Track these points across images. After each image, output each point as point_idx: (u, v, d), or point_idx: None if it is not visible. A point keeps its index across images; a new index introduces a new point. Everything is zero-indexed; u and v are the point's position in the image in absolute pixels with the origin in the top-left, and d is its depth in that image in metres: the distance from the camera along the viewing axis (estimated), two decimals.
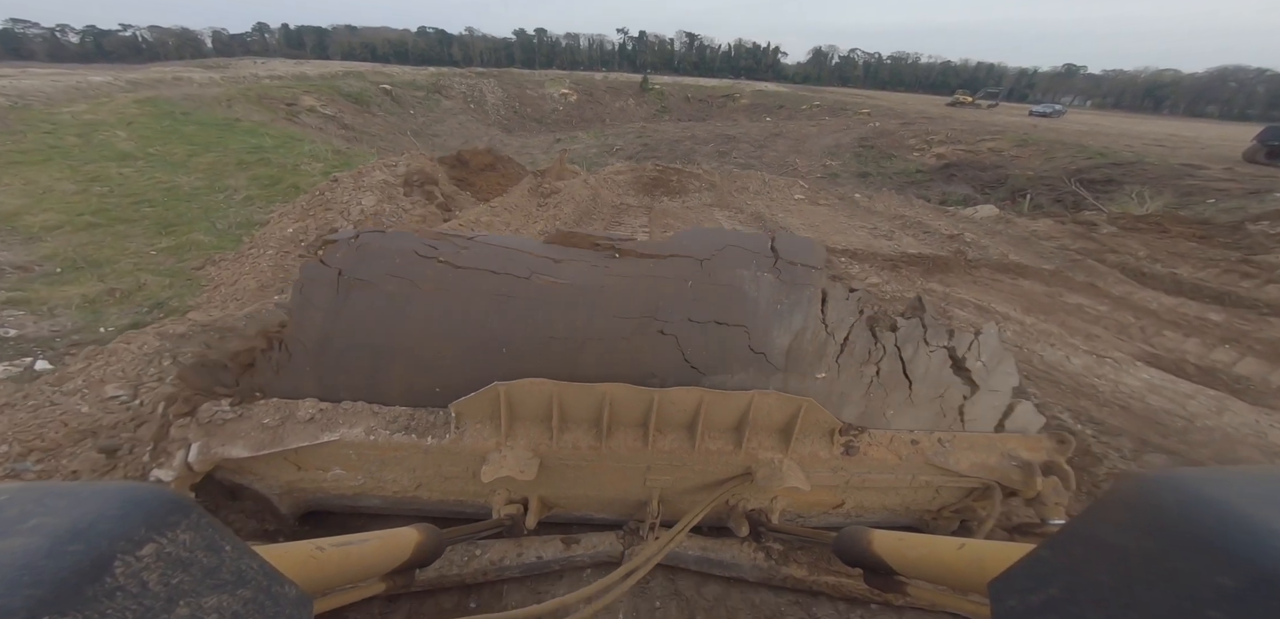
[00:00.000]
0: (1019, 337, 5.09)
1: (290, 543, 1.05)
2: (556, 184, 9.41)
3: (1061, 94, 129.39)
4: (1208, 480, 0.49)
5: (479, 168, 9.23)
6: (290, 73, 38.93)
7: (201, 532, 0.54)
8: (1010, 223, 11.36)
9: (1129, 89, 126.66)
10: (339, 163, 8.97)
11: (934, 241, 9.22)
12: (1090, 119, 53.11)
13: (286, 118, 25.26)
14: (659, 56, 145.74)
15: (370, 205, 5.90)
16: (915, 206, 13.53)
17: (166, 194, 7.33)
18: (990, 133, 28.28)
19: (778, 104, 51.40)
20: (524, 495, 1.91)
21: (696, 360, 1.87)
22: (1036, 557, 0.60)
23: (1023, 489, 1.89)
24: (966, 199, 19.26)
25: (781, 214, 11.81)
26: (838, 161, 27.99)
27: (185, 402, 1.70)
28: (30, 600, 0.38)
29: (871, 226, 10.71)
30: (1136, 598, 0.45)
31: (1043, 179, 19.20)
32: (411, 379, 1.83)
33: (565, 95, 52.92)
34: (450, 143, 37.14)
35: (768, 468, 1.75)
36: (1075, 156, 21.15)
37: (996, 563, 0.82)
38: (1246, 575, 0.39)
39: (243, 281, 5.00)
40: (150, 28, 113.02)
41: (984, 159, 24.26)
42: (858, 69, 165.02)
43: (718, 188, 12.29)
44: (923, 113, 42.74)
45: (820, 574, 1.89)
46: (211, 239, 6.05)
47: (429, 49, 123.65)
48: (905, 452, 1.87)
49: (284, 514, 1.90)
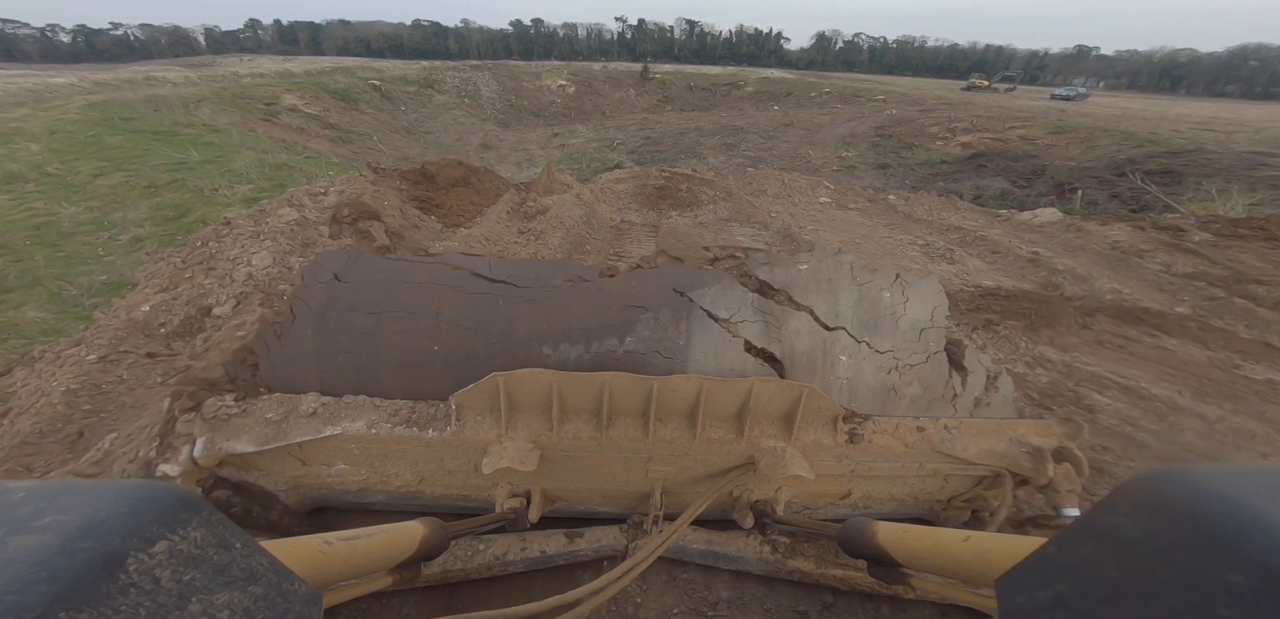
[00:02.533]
0: (1205, 439, 3.43)
1: (297, 538, 1.02)
2: (543, 201, 7.68)
3: (1073, 76, 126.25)
4: (1216, 477, 0.48)
5: (447, 184, 7.55)
6: (274, 70, 37.16)
7: (212, 529, 0.54)
8: (1082, 231, 9.60)
9: (1144, 69, 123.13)
10: (274, 183, 7.36)
11: (1009, 265, 7.50)
12: (1115, 102, 50.78)
13: (264, 118, 23.62)
14: (659, 45, 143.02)
15: (262, 265, 4.19)
16: (961, 209, 11.77)
17: (34, 233, 5.37)
18: (1019, 119, 26.30)
19: (785, 91, 49.31)
20: (527, 488, 1.90)
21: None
22: (1044, 553, 0.59)
23: (1034, 476, 1.80)
24: (1005, 195, 17.45)
25: (810, 225, 10.09)
26: (854, 152, 26.10)
27: (190, 398, 1.70)
28: (46, 596, 0.39)
29: (921, 240, 8.99)
30: (1146, 594, 0.45)
31: (1088, 171, 17.33)
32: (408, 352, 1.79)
33: (563, 87, 51.09)
34: (444, 140, 35.46)
35: (770, 456, 1.71)
36: (1121, 144, 19.22)
37: (1002, 556, 0.84)
38: (1257, 572, 0.39)
39: (39, 409, 3.01)
40: (141, 26, 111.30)
41: (1016, 148, 22.36)
42: (863, 54, 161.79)
43: (734, 196, 10.54)
44: (939, 98, 40.66)
45: (828, 567, 1.84)
46: (49, 315, 4.11)
47: (424, 42, 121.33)
48: (911, 439, 1.82)
49: (292, 510, 1.89)
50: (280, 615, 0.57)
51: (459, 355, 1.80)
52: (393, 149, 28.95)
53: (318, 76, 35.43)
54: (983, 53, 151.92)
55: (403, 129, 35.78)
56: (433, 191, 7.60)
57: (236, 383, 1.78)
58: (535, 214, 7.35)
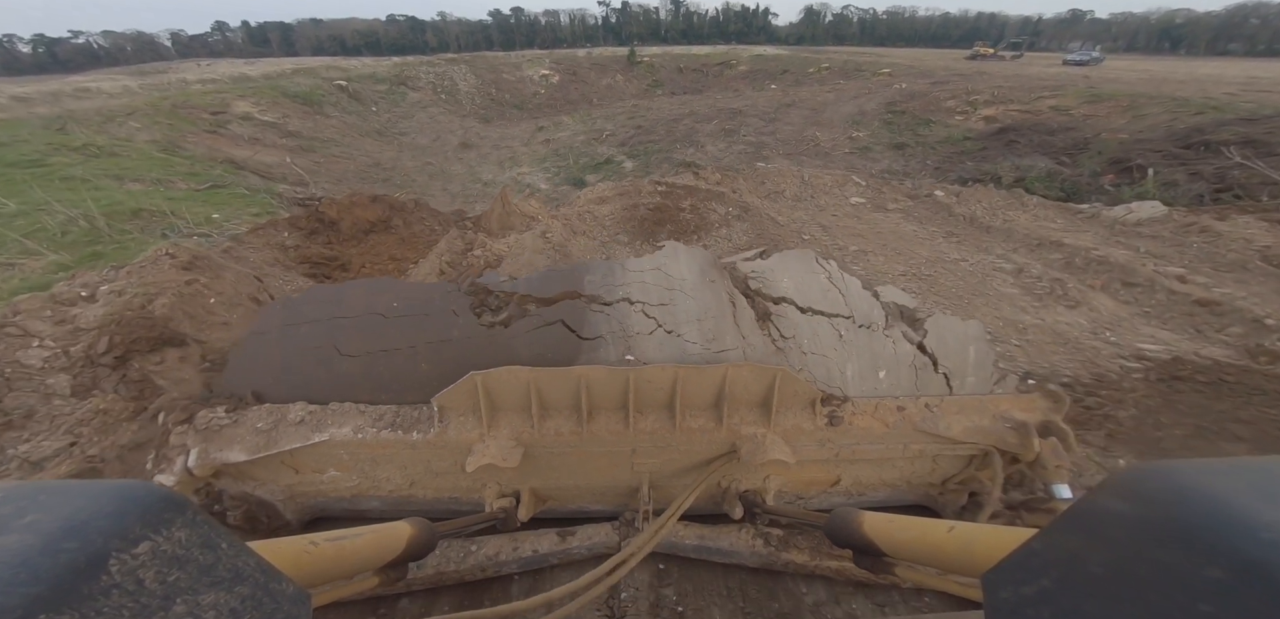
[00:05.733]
0: None
1: (283, 538, 1.02)
2: (496, 246, 5.35)
3: (1069, 41, 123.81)
4: (1200, 472, 0.49)
5: (357, 230, 5.24)
6: (228, 75, 34.09)
7: (197, 529, 0.53)
8: (1208, 232, 7.39)
9: (1141, 30, 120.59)
10: (112, 247, 5.05)
11: (1159, 306, 5.29)
12: (1130, 64, 48.47)
13: (209, 130, 21.03)
14: (644, 27, 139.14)
15: None
16: (1030, 207, 9.51)
17: None
18: (1046, 88, 24.00)
19: (781, 69, 46.69)
20: (515, 488, 1.90)
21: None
22: (1029, 548, 0.60)
23: (1022, 453, 1.77)
24: (1052, 175, 15.23)
25: (852, 243, 7.82)
26: (866, 132, 23.76)
27: (183, 410, 1.73)
28: (26, 598, 0.38)
29: (1008, 262, 6.74)
30: (1128, 589, 0.46)
31: (1146, 144, 15.11)
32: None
33: (546, 76, 48.28)
34: (420, 141, 32.76)
35: (751, 443, 1.70)
36: (1175, 112, 16.98)
37: (986, 547, 0.85)
38: (1236, 567, 0.40)
39: None
40: (104, 33, 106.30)
41: (1049, 120, 20.09)
42: (853, 27, 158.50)
43: (752, 212, 8.17)
44: (947, 69, 38.23)
45: (823, 558, 1.80)
46: None
47: (401, 37, 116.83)
48: (892, 419, 1.81)
49: (290, 520, 1.91)
50: (268, 615, 0.57)
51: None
52: (363, 154, 26.47)
53: (276, 80, 32.56)
54: (975, 20, 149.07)
55: (374, 131, 33.05)
56: (335, 244, 5.22)
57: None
58: (485, 266, 5.05)
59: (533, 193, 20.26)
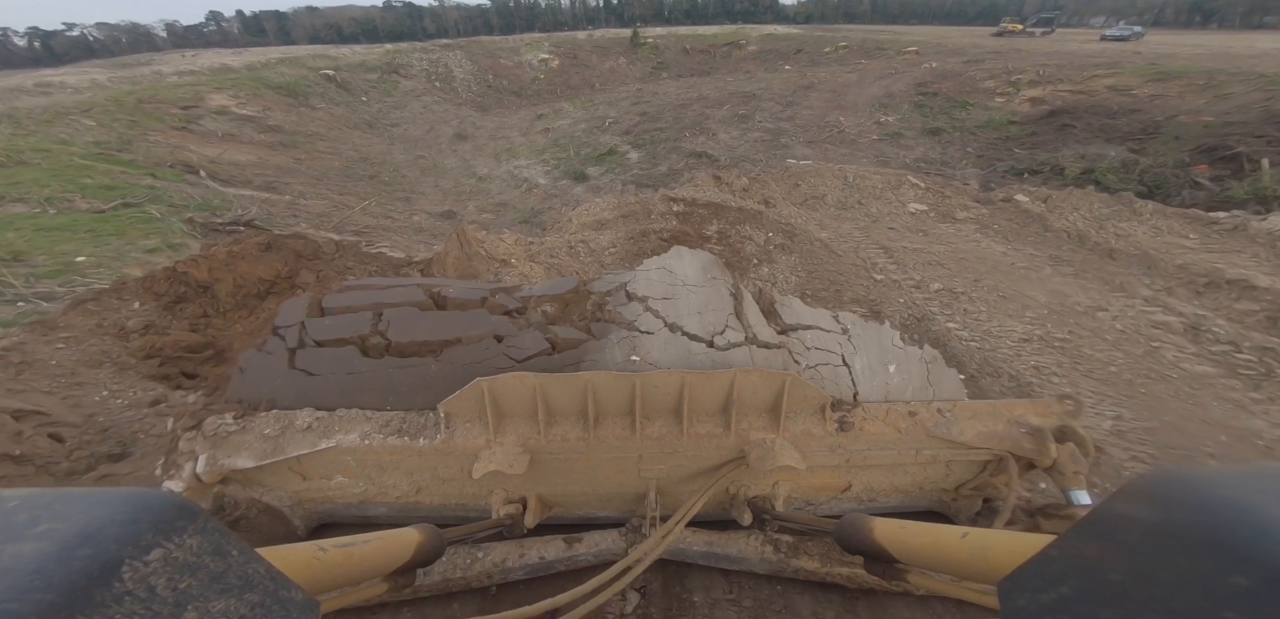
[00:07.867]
0: None
1: (292, 545, 1.03)
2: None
3: (1089, 16, 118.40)
4: (1221, 479, 0.47)
5: (246, 296, 3.42)
6: (209, 65, 32.25)
7: (208, 536, 0.53)
8: None
9: (1169, 4, 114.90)
10: None
11: None
12: (1173, 39, 45.26)
13: (178, 126, 19.25)
14: (647, 7, 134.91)
15: None
16: (1146, 217, 7.51)
17: None
18: (1098, 66, 21.56)
19: (794, 48, 44.01)
20: (521, 494, 1.89)
21: None
22: (1046, 555, 0.58)
23: (1037, 458, 1.76)
24: (1127, 166, 13.08)
25: (927, 273, 5.90)
26: (895, 116, 21.54)
27: (191, 417, 1.72)
28: (41, 605, 0.39)
29: (1176, 319, 4.77)
30: (1150, 598, 0.44)
31: (1239, 128, 12.92)
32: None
33: (545, 61, 45.96)
34: (413, 132, 30.81)
35: (760, 448, 1.70)
36: (1269, 92, 14.65)
37: (1000, 553, 0.83)
38: (1262, 575, 0.38)
39: None
40: (98, 24, 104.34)
41: (1106, 101, 17.80)
42: (865, 4, 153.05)
43: (799, 237, 6.17)
44: (976, 46, 35.50)
45: (833, 565, 1.79)
46: None
47: (398, 24, 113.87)
48: (904, 424, 1.79)
49: (297, 527, 1.90)
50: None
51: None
52: (350, 148, 24.62)
53: (258, 71, 30.65)
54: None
55: (364, 123, 31.11)
56: (213, 323, 3.42)
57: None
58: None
59: (531, 187, 18.40)
